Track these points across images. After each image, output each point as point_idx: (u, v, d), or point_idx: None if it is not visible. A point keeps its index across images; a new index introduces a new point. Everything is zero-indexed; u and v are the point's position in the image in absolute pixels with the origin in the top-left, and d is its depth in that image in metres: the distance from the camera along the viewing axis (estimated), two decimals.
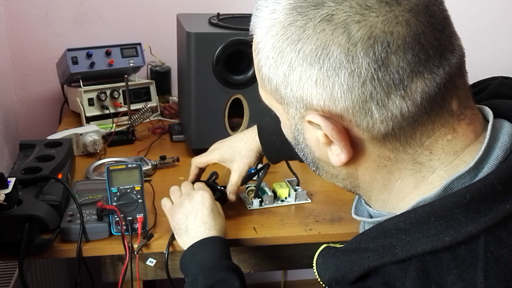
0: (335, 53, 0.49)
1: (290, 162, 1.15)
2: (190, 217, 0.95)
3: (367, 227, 0.60)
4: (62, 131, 1.35)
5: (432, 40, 0.50)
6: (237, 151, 1.06)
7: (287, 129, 0.61)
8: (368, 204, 0.65)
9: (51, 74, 1.65)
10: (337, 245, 0.61)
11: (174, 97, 1.69)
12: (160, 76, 1.68)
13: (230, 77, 1.27)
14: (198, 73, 1.24)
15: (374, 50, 0.48)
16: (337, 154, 0.55)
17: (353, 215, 0.69)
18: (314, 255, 0.62)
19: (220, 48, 1.22)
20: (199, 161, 1.11)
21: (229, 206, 1.07)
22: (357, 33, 0.48)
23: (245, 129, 1.33)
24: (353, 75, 0.49)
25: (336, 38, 0.49)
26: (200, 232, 0.92)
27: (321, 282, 0.60)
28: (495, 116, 0.57)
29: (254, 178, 1.18)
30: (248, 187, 1.15)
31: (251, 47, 0.59)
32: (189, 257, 0.89)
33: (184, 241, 0.93)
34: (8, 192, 0.90)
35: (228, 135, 1.33)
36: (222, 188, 1.08)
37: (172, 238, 0.99)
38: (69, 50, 1.47)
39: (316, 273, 0.61)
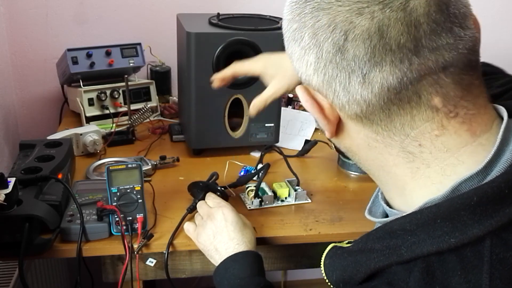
0: (306, 35, 0.55)
1: (290, 161, 1.14)
2: (217, 236, 0.93)
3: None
4: (62, 131, 1.35)
5: (397, 35, 0.50)
6: (283, 68, 0.95)
7: None
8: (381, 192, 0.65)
9: (51, 74, 1.65)
10: (344, 245, 0.61)
11: (174, 97, 1.69)
12: (160, 76, 1.68)
13: None
14: (198, 73, 1.24)
15: (333, 36, 0.52)
16: (323, 126, 0.59)
17: (366, 215, 0.68)
18: (322, 255, 0.63)
19: (220, 48, 1.22)
20: (240, 67, 1.00)
21: None
22: (322, 19, 0.52)
23: (245, 129, 1.34)
24: (318, 56, 0.54)
25: (308, 21, 0.54)
26: (230, 249, 0.91)
27: (328, 283, 0.61)
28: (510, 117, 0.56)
29: (254, 178, 1.18)
30: (248, 187, 1.15)
31: (251, 47, 0.60)
32: (221, 273, 0.88)
33: (216, 260, 0.92)
34: (8, 192, 0.90)
35: (228, 135, 1.33)
36: (222, 188, 1.08)
37: (172, 238, 0.99)
38: (69, 50, 1.47)
39: (324, 274, 0.61)
